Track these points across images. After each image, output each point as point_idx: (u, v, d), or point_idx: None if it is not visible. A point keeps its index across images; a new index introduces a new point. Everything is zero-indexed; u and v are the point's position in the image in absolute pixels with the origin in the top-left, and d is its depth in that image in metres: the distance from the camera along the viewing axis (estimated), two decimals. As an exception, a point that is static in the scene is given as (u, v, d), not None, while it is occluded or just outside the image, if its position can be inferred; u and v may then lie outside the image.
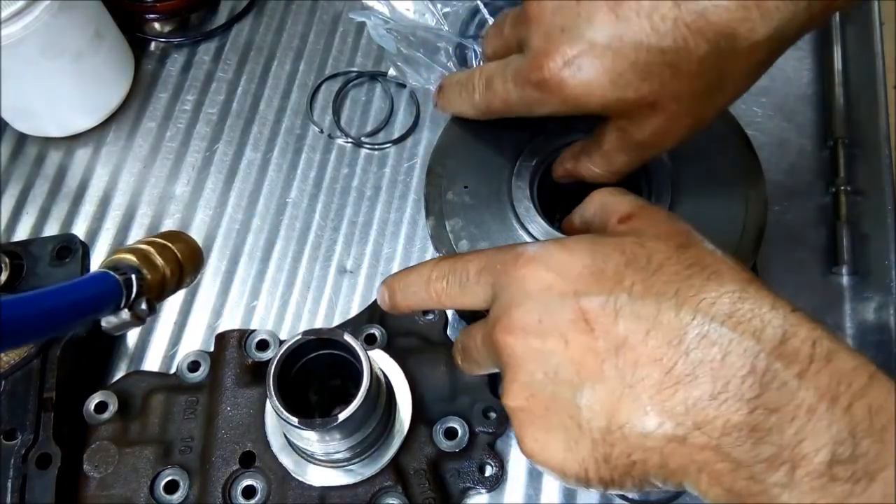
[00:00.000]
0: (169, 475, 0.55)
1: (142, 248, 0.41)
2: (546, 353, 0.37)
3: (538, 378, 0.37)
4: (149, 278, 0.39)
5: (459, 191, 0.55)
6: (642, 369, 0.34)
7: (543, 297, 0.37)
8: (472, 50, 0.74)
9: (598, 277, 0.37)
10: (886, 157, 0.69)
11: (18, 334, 0.33)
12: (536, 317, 0.37)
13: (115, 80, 0.75)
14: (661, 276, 0.36)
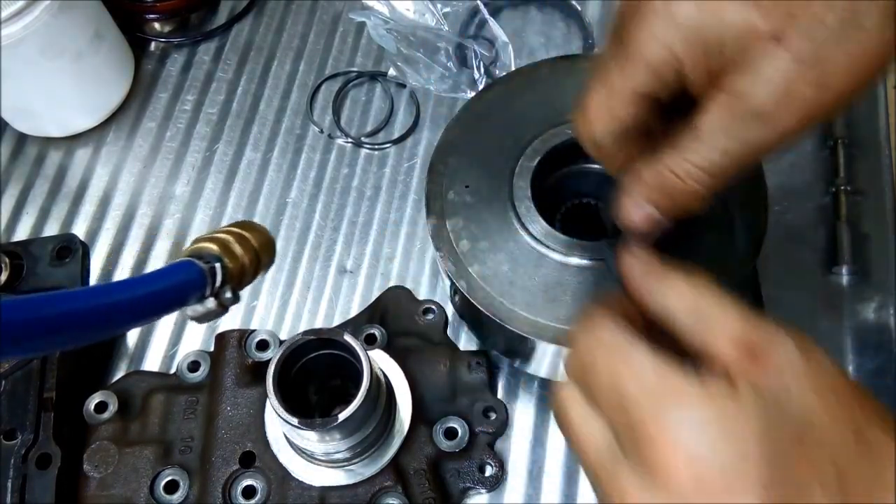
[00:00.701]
0: (169, 475, 0.55)
1: (221, 237, 0.41)
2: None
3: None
4: (230, 267, 0.39)
5: (460, 190, 0.55)
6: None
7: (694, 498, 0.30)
8: (472, 50, 0.74)
9: (780, 490, 0.29)
10: (886, 157, 0.69)
11: (114, 322, 0.33)
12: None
13: (115, 80, 0.75)
14: (851, 495, 0.29)
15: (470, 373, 0.59)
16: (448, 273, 0.52)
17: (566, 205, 0.61)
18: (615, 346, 0.33)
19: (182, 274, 0.37)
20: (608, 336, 0.34)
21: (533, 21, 0.79)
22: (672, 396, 0.31)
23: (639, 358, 0.33)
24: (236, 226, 0.43)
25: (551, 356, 0.53)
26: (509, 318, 0.50)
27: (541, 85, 0.58)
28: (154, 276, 0.37)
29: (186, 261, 0.38)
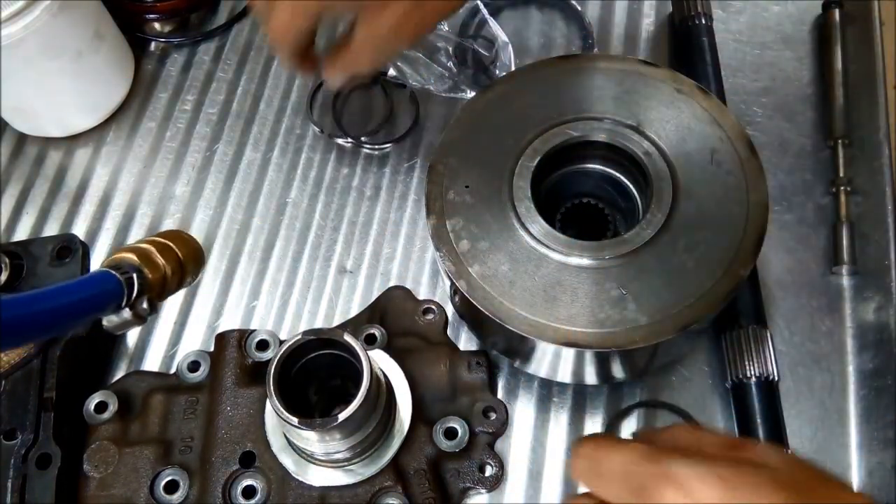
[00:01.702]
0: (169, 475, 0.55)
1: (143, 247, 0.41)
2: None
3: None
4: (150, 277, 0.40)
5: (461, 190, 0.55)
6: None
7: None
8: (472, 50, 0.74)
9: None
10: (886, 157, 0.69)
11: (20, 334, 0.33)
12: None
13: (115, 80, 0.75)
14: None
15: (470, 373, 0.59)
16: (448, 273, 0.52)
17: (566, 205, 0.61)
18: (594, 448, 0.38)
19: (98, 285, 0.37)
20: (588, 445, 0.39)
21: (533, 21, 0.79)
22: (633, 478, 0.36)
23: (605, 450, 0.37)
24: (163, 235, 0.43)
25: (551, 356, 0.53)
26: (509, 318, 0.50)
27: (541, 85, 0.58)
28: (68, 288, 0.37)
29: (103, 271, 0.38)
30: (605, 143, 0.56)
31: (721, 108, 0.56)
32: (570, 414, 0.61)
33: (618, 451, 0.37)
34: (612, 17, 0.78)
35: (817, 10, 0.75)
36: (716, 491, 0.33)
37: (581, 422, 0.60)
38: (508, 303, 0.51)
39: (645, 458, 0.36)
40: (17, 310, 0.33)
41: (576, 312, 0.50)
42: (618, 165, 0.58)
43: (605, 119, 0.56)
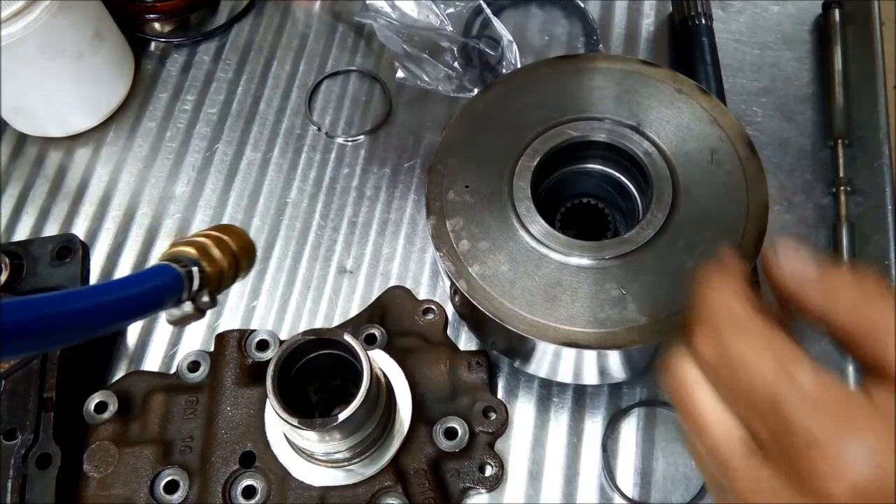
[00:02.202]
0: (169, 475, 0.55)
1: (200, 240, 0.40)
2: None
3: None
4: (208, 271, 0.39)
5: (461, 190, 0.55)
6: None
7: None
8: (477, 49, 0.74)
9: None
10: (886, 157, 0.69)
11: (87, 327, 0.33)
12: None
13: (115, 80, 0.75)
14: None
15: (470, 373, 0.59)
16: (448, 273, 0.52)
17: (566, 205, 0.61)
18: (768, 341, 0.32)
19: (159, 278, 0.37)
20: (756, 326, 0.32)
21: (535, 19, 0.79)
22: (841, 418, 0.29)
23: (797, 360, 0.31)
24: (216, 229, 0.42)
25: (551, 356, 0.53)
26: (509, 318, 0.50)
27: (541, 85, 0.58)
28: (131, 280, 0.37)
29: (164, 264, 0.38)
30: (605, 143, 0.56)
31: (721, 108, 0.56)
32: (570, 414, 0.61)
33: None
34: (612, 17, 0.78)
35: (817, 10, 0.75)
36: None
37: (581, 422, 0.60)
38: (508, 303, 0.51)
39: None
40: (82, 303, 0.32)
41: (576, 312, 0.50)
42: (618, 165, 0.58)
43: (605, 119, 0.56)
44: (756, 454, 0.32)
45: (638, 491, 0.58)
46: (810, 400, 0.30)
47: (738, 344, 0.32)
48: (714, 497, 0.35)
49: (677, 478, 0.58)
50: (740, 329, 0.32)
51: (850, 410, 0.29)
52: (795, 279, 0.34)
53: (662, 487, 0.58)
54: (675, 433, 0.60)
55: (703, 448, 0.34)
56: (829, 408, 0.29)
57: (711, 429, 0.33)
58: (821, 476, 0.29)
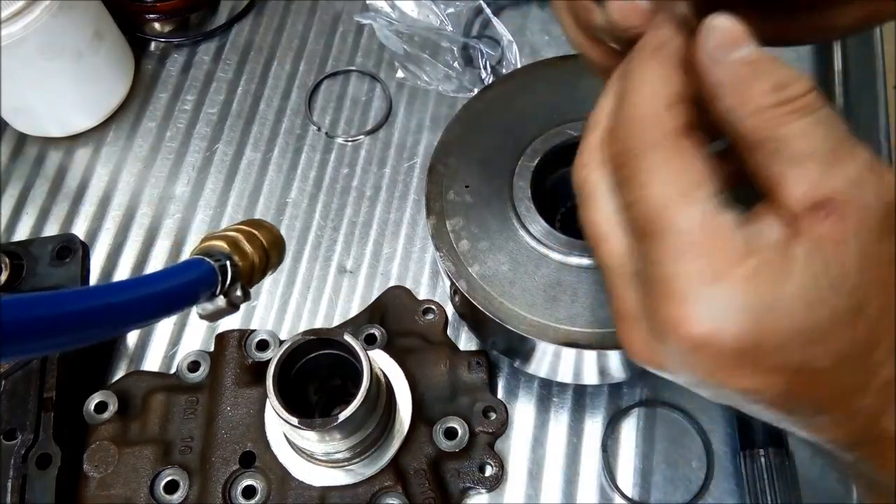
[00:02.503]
0: (169, 475, 0.55)
1: (231, 234, 0.40)
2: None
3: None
4: (240, 265, 0.39)
5: (461, 190, 0.55)
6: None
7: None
8: (478, 49, 0.74)
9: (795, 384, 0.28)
10: (886, 157, 0.69)
11: (125, 321, 0.33)
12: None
13: (115, 80, 0.75)
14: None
15: (470, 373, 0.59)
16: (448, 273, 0.52)
17: (566, 205, 0.61)
18: (674, 165, 0.29)
19: (193, 272, 0.37)
20: (670, 145, 0.29)
21: (534, 19, 0.79)
22: (709, 260, 0.27)
23: (693, 194, 0.28)
24: (246, 224, 0.42)
25: (551, 356, 0.53)
26: (509, 318, 0.50)
27: (541, 85, 0.58)
28: (165, 274, 0.36)
29: (197, 258, 0.38)
30: (605, 143, 0.56)
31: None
32: (570, 414, 0.61)
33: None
34: (612, 17, 0.78)
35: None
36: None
37: (581, 422, 0.60)
38: (508, 303, 0.51)
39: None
40: (120, 296, 0.32)
41: (576, 312, 0.50)
42: None
43: (605, 119, 0.56)
44: (630, 275, 0.30)
45: (638, 491, 0.58)
46: (684, 243, 0.28)
47: (643, 160, 0.30)
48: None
49: (677, 478, 0.58)
50: (652, 144, 0.30)
51: (722, 256, 0.27)
52: (716, 67, 0.30)
53: (662, 487, 0.58)
54: (675, 433, 0.60)
55: (595, 255, 0.33)
56: (700, 254, 0.28)
57: (600, 238, 0.32)
58: (671, 313, 0.28)
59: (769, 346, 0.27)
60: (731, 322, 0.27)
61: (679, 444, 0.59)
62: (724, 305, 0.27)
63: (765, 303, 0.27)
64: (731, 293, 0.27)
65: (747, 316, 0.27)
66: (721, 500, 0.57)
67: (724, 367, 0.28)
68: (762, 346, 0.27)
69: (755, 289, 0.27)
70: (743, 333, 0.27)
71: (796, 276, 0.27)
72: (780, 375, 0.28)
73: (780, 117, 0.28)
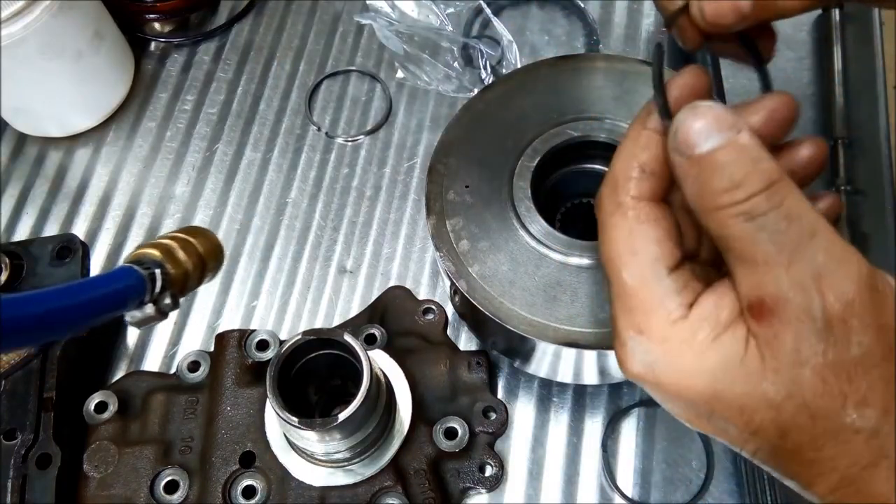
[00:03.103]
0: (169, 475, 0.55)
1: (164, 242, 0.41)
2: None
3: None
4: (172, 273, 0.40)
5: (461, 190, 0.55)
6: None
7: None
8: (478, 49, 0.74)
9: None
10: (886, 157, 0.69)
11: (43, 330, 0.33)
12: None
13: (115, 80, 0.75)
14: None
15: (470, 373, 0.59)
16: (448, 273, 0.52)
17: (566, 205, 0.61)
18: (627, 226, 0.34)
19: (121, 280, 0.37)
20: (627, 209, 0.35)
21: (534, 19, 0.79)
22: (642, 305, 0.34)
23: (632, 255, 0.34)
24: (183, 231, 0.43)
25: (551, 356, 0.53)
26: (509, 318, 0.50)
27: (541, 85, 0.58)
28: (92, 283, 0.37)
29: (126, 266, 0.38)
30: (605, 143, 0.56)
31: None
32: (570, 414, 0.61)
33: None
34: (612, 17, 0.78)
35: (817, 10, 0.75)
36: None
37: (581, 422, 0.60)
38: (508, 303, 0.51)
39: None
40: (40, 306, 0.33)
41: (576, 312, 0.50)
42: None
43: (605, 119, 0.56)
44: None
45: (638, 491, 0.58)
46: (624, 294, 0.34)
47: (609, 216, 0.35)
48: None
49: (677, 478, 0.58)
50: (616, 204, 0.35)
51: (652, 315, 0.33)
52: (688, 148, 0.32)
53: (662, 487, 0.58)
54: (675, 433, 0.60)
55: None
56: (633, 306, 0.34)
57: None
58: (618, 359, 0.35)
59: (690, 397, 0.33)
60: (654, 370, 0.33)
61: (679, 444, 0.59)
62: (648, 355, 0.33)
63: (680, 365, 0.32)
64: (654, 348, 0.33)
65: (667, 370, 0.33)
66: (721, 500, 0.57)
67: (664, 401, 0.35)
68: (683, 395, 0.33)
69: (674, 352, 0.33)
70: (665, 382, 0.33)
71: (715, 355, 0.32)
72: (710, 424, 0.34)
73: (729, 219, 0.31)
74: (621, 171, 0.35)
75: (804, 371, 0.30)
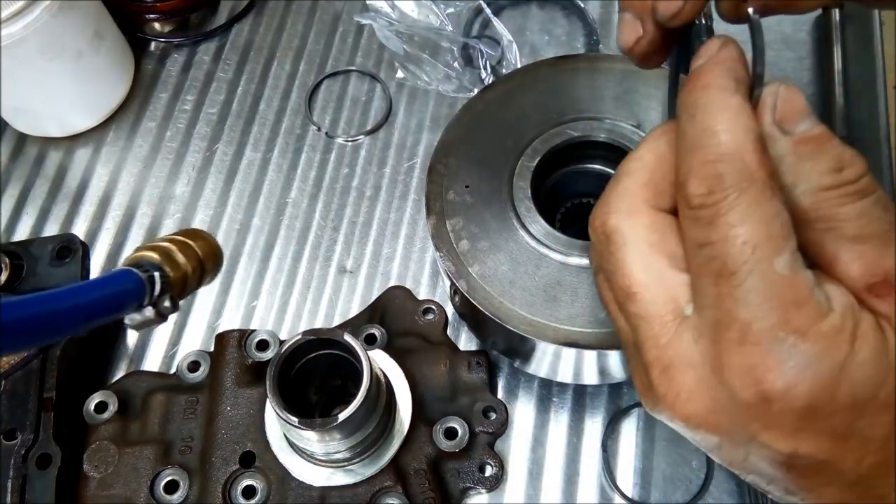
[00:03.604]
0: (169, 475, 0.55)
1: (163, 245, 0.41)
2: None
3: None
4: (171, 276, 0.40)
5: (461, 190, 0.55)
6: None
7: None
8: (478, 49, 0.74)
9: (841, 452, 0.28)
10: (886, 158, 0.69)
11: (40, 334, 0.33)
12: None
13: (115, 80, 0.75)
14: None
15: (470, 373, 0.59)
16: (448, 273, 0.52)
17: (566, 205, 0.61)
18: (759, 212, 0.28)
19: (120, 283, 0.37)
20: (758, 191, 0.28)
21: (534, 19, 0.79)
22: (792, 319, 0.27)
23: (781, 256, 0.28)
24: (182, 234, 0.43)
25: (551, 356, 0.53)
26: (509, 318, 0.50)
27: (541, 85, 0.58)
28: (91, 285, 0.37)
29: (125, 269, 0.38)
30: (605, 143, 0.56)
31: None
32: (570, 414, 0.61)
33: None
34: (612, 17, 0.78)
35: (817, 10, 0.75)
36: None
37: (581, 422, 0.60)
38: (508, 303, 0.51)
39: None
40: (40, 308, 0.33)
41: (576, 312, 0.50)
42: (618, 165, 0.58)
43: (605, 119, 0.56)
44: (684, 322, 0.30)
45: (638, 491, 0.58)
46: (769, 289, 0.27)
47: (733, 200, 0.28)
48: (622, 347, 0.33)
49: (677, 478, 0.58)
50: (744, 185, 0.28)
51: (805, 311, 0.27)
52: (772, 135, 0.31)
53: (662, 487, 0.58)
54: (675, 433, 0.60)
55: (627, 305, 0.32)
56: (783, 303, 0.27)
57: (640, 285, 0.31)
58: (745, 371, 0.27)
59: (833, 408, 0.27)
60: (808, 377, 0.26)
61: (679, 444, 0.59)
62: (803, 359, 0.26)
63: (837, 364, 0.26)
64: (810, 349, 0.27)
65: (823, 374, 0.26)
66: (721, 500, 0.57)
67: (785, 424, 0.27)
68: (827, 407, 0.27)
69: (831, 350, 0.27)
70: (816, 390, 0.26)
71: (865, 346, 0.27)
72: (829, 440, 0.27)
73: (837, 198, 0.29)
74: (738, 144, 0.29)
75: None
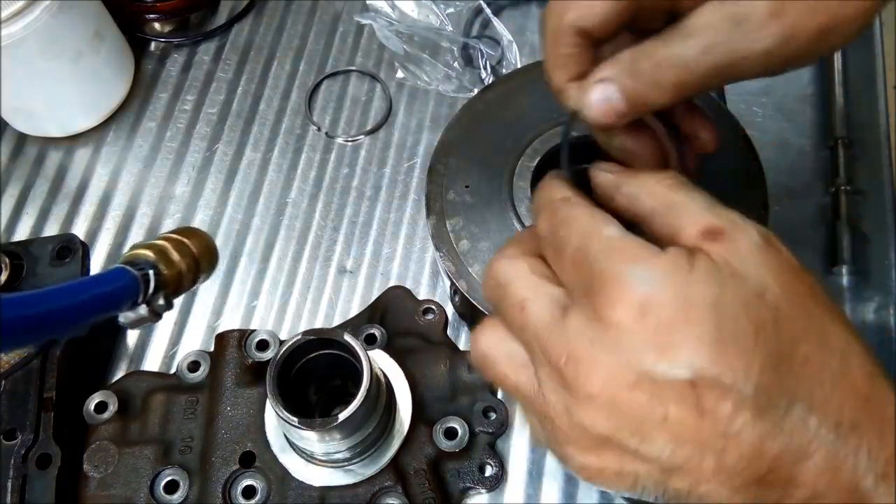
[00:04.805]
0: (169, 475, 0.55)
1: (158, 243, 0.41)
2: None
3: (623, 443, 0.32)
4: (166, 274, 0.40)
5: (461, 190, 0.55)
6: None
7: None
8: (478, 49, 0.74)
9: (722, 351, 0.31)
10: (886, 157, 0.69)
11: (38, 329, 0.33)
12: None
13: (115, 80, 0.75)
14: (795, 367, 0.31)
15: (470, 373, 0.59)
16: (448, 273, 0.52)
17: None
18: (589, 216, 0.36)
19: (114, 281, 0.37)
20: (578, 202, 0.38)
21: (534, 19, 0.79)
22: (632, 256, 0.33)
23: (608, 227, 0.35)
24: (177, 232, 0.43)
25: (551, 356, 0.53)
26: (509, 318, 0.50)
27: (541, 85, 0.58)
28: (86, 283, 0.37)
29: (120, 267, 0.38)
30: (605, 143, 0.56)
31: (721, 108, 0.56)
32: (570, 414, 0.61)
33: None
34: None
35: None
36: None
37: (581, 422, 0.60)
38: (508, 303, 0.51)
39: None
40: (34, 306, 0.33)
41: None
42: None
43: (605, 119, 0.56)
44: (563, 313, 0.34)
45: (638, 491, 0.58)
46: (610, 247, 0.34)
47: (563, 221, 0.37)
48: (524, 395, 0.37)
49: (677, 478, 0.58)
50: (567, 205, 0.38)
51: (640, 255, 0.33)
52: (607, 178, 0.40)
53: (662, 487, 0.58)
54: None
55: (515, 326, 0.37)
56: (624, 252, 0.33)
57: (527, 299, 0.36)
58: (609, 301, 0.32)
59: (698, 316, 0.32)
60: (660, 290, 0.32)
61: (679, 444, 0.59)
62: (650, 277, 0.32)
63: (679, 291, 0.32)
64: (654, 271, 0.32)
65: (671, 290, 0.32)
66: (721, 500, 0.57)
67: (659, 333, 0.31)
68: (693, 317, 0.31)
69: (675, 268, 0.32)
70: (671, 300, 0.31)
71: (701, 264, 0.32)
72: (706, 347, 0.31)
73: (669, 189, 0.36)
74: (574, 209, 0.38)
75: (773, 278, 0.32)
